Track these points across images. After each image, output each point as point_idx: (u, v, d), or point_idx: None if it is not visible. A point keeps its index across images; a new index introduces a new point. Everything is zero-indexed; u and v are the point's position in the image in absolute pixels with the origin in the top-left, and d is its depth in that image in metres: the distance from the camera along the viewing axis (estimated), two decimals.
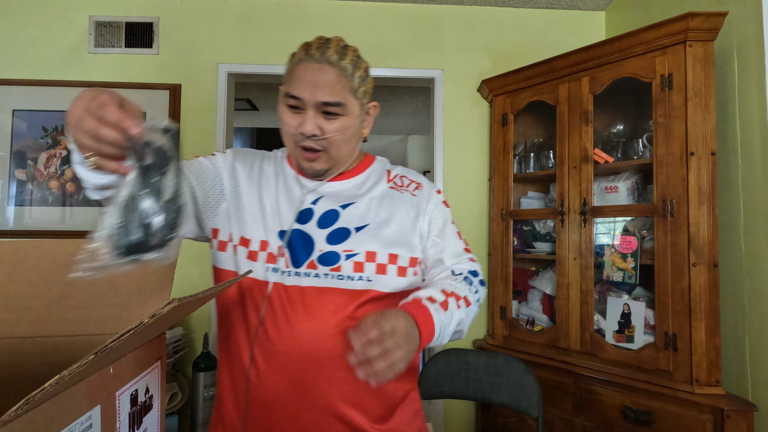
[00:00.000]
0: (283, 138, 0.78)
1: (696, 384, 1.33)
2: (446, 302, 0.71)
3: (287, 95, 0.73)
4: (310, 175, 0.79)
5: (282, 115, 0.75)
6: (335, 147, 0.75)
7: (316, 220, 0.76)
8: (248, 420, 0.72)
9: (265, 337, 0.71)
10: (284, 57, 2.22)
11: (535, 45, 2.20)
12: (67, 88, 2.06)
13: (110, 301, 0.60)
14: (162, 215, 0.49)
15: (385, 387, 0.74)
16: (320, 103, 0.71)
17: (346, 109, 0.73)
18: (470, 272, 0.81)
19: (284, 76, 0.77)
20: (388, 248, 0.75)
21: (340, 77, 0.72)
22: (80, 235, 2.01)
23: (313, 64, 0.72)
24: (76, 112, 0.48)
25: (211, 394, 1.93)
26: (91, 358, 0.32)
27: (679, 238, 1.40)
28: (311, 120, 0.72)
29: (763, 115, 1.35)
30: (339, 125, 0.73)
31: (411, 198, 0.82)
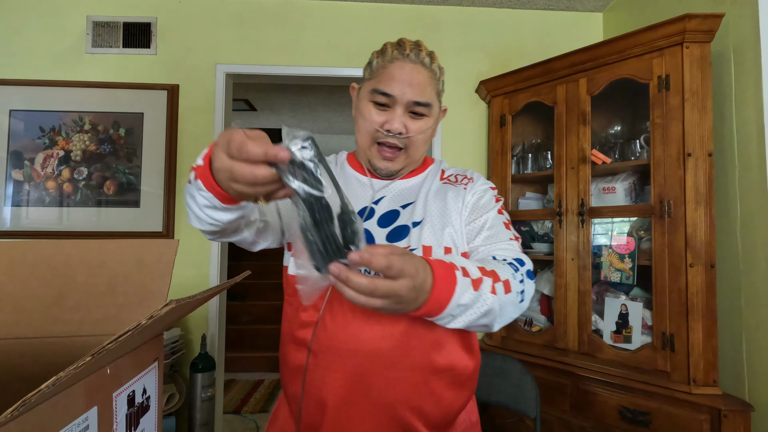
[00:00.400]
0: (359, 132, 0.79)
1: (693, 384, 1.33)
2: (480, 281, 0.59)
3: (377, 92, 0.74)
4: (383, 175, 0.80)
5: (365, 111, 0.76)
6: (415, 147, 0.77)
7: (377, 219, 0.77)
8: (302, 418, 0.73)
9: (324, 336, 0.70)
10: (282, 58, 2.23)
11: (533, 46, 2.21)
12: (64, 88, 2.05)
13: (107, 302, 0.60)
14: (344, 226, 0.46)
15: (444, 394, 0.72)
16: (411, 102, 0.73)
17: (431, 110, 0.76)
18: (515, 259, 0.69)
19: (369, 72, 0.78)
20: (443, 242, 0.74)
21: (431, 79, 0.76)
22: (78, 235, 2.01)
23: (407, 64, 0.74)
24: (223, 165, 0.47)
25: (209, 395, 1.93)
26: (88, 359, 0.32)
27: (677, 238, 1.40)
28: (399, 118, 0.74)
29: (760, 116, 1.36)
30: (422, 125, 0.76)
31: (462, 191, 0.81)
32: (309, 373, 0.71)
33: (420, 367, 0.69)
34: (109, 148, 2.06)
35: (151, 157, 2.07)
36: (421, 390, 0.69)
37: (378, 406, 0.69)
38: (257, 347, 4.04)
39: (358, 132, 0.80)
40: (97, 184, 2.05)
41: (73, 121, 2.05)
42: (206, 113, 2.12)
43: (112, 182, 2.05)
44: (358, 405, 0.69)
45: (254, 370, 3.86)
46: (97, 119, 2.06)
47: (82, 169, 2.05)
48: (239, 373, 3.79)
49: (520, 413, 1.26)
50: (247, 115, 4.56)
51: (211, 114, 2.12)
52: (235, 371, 3.77)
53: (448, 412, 0.74)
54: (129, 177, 2.06)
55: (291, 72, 2.15)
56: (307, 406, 0.72)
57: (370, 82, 0.77)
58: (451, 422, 0.75)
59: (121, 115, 2.07)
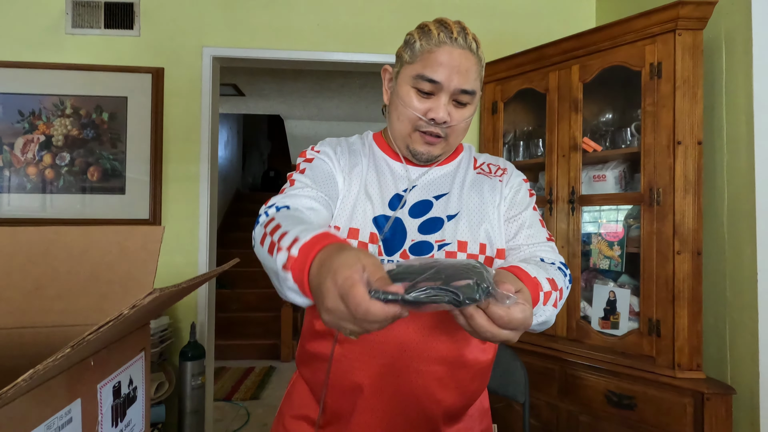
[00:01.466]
0: (396, 119, 0.75)
1: (678, 369, 1.36)
2: (549, 295, 0.61)
3: (422, 78, 0.70)
4: (422, 161, 0.76)
5: (406, 97, 0.72)
6: (455, 135, 0.75)
7: (408, 208, 0.74)
8: (328, 405, 0.72)
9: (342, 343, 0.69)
10: (272, 41, 2.18)
11: (526, 32, 2.19)
12: (43, 70, 1.98)
13: (91, 291, 0.58)
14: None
15: (468, 386, 0.73)
16: (458, 90, 0.70)
17: (474, 98, 0.73)
18: (562, 264, 0.73)
19: (410, 55, 0.72)
20: (478, 238, 0.72)
21: (477, 66, 0.72)
22: (62, 223, 1.96)
23: (456, 50, 0.69)
24: (336, 308, 0.42)
25: (198, 383, 1.92)
26: (68, 351, 0.31)
27: (665, 226, 1.42)
28: (444, 107, 0.70)
29: (749, 105, 1.37)
30: (466, 113, 0.73)
31: (498, 184, 0.79)
32: (336, 363, 0.70)
33: (448, 361, 0.69)
34: (92, 133, 2.00)
35: (136, 142, 2.02)
36: (448, 382, 0.70)
37: (403, 395, 0.69)
38: (247, 335, 4.03)
39: (396, 118, 0.75)
40: (80, 170, 1.99)
41: (54, 105, 1.99)
42: (193, 98, 2.07)
43: (95, 168, 2.00)
44: (383, 394, 0.69)
45: (244, 357, 3.86)
46: (78, 103, 2.00)
47: (64, 154, 1.99)
48: (229, 360, 3.79)
49: (509, 398, 1.28)
50: (235, 100, 4.48)
51: (197, 99, 2.07)
52: (225, 359, 3.77)
53: (469, 402, 0.75)
54: (113, 163, 2.01)
55: (281, 56, 2.10)
56: (333, 393, 0.72)
57: (413, 66, 0.71)
58: (467, 408, 0.76)
59: (104, 99, 2.01)
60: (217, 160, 2.19)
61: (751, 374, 1.34)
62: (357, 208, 0.73)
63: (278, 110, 4.87)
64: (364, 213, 0.72)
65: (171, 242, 2.01)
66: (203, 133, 2.07)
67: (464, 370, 0.71)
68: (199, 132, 2.07)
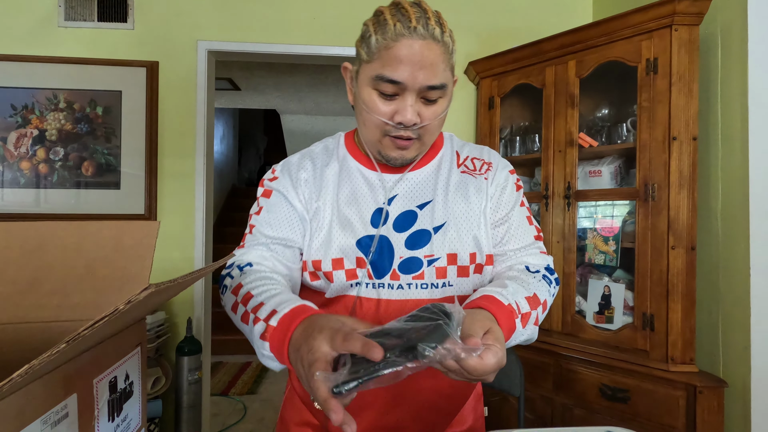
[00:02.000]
0: (362, 124, 0.68)
1: (671, 362, 1.38)
2: (528, 316, 0.62)
3: (381, 79, 0.61)
4: (396, 165, 0.70)
5: (368, 101, 0.64)
6: (429, 133, 0.67)
7: (392, 222, 0.69)
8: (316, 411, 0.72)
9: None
10: (267, 35, 2.16)
11: (523, 26, 2.18)
12: (36, 63, 1.96)
13: (86, 287, 0.58)
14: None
15: (467, 387, 0.74)
16: (425, 87, 0.61)
17: (446, 91, 0.65)
18: (546, 269, 0.72)
19: (367, 52, 0.64)
20: (468, 248, 0.68)
21: (444, 55, 0.62)
22: (57, 217, 1.95)
23: (416, 41, 0.59)
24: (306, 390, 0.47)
25: (195, 378, 1.92)
26: (63, 346, 0.31)
27: (659, 221, 1.43)
28: (411, 107, 0.62)
29: (744, 100, 1.37)
30: (437, 109, 0.65)
31: (483, 183, 0.73)
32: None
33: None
34: (86, 127, 1.99)
35: (130, 137, 2.00)
36: (447, 393, 0.70)
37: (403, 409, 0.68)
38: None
39: (362, 124, 0.68)
40: (74, 165, 1.98)
41: (47, 99, 1.97)
42: (188, 92, 2.06)
43: (90, 163, 1.99)
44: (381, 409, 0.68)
45: (241, 352, 3.87)
46: (72, 97, 1.98)
47: (58, 149, 1.97)
48: (226, 355, 3.80)
49: (504, 392, 1.29)
50: (230, 94, 4.45)
51: (192, 93, 2.06)
52: (222, 354, 3.78)
53: (465, 394, 0.75)
54: (108, 158, 1.99)
55: (276, 50, 2.09)
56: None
57: (371, 66, 0.63)
58: (464, 402, 0.77)
59: (97, 93, 1.99)
60: (212, 155, 2.18)
61: (742, 368, 1.36)
62: (333, 235, 0.68)
63: (274, 105, 4.85)
64: (344, 238, 0.68)
65: (167, 237, 2.00)
66: (198, 127, 2.06)
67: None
68: (195, 126, 2.06)
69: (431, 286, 0.67)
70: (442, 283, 0.67)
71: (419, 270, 0.67)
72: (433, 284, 0.67)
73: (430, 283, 0.67)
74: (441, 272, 0.67)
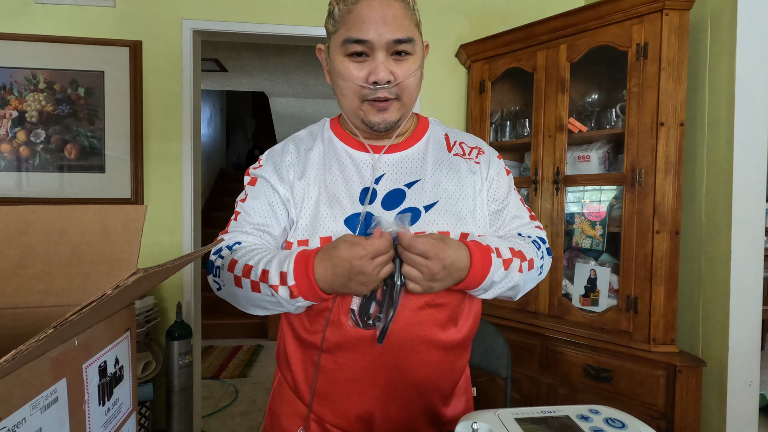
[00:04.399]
0: (341, 96, 0.70)
1: (653, 343, 1.42)
2: (510, 261, 0.67)
3: (349, 41, 0.64)
4: (381, 130, 0.70)
5: (341, 68, 0.66)
6: (407, 92, 0.69)
7: (380, 200, 0.70)
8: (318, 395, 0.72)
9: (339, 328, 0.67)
10: (255, 14, 2.11)
11: (514, 9, 2.16)
12: (12, 41, 1.89)
13: (72, 272, 0.58)
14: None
15: (458, 361, 0.75)
16: (391, 41, 0.64)
17: (415, 46, 0.67)
18: (538, 238, 0.76)
19: (332, 24, 0.67)
20: (460, 226, 0.69)
21: (406, 10, 0.65)
22: (40, 202, 1.91)
23: (375, 1, 0.63)
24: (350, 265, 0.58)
25: (186, 362, 1.93)
26: (50, 332, 0.30)
27: (645, 206, 1.45)
28: (383, 65, 0.64)
29: (731, 86, 1.39)
30: (410, 65, 0.67)
31: (475, 166, 0.75)
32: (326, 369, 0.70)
33: (438, 347, 0.70)
34: (67, 108, 1.93)
35: (114, 119, 1.95)
36: (442, 371, 0.71)
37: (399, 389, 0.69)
38: (235, 314, 4.03)
39: (341, 95, 0.70)
40: (56, 148, 1.93)
41: (26, 79, 1.90)
42: (173, 73, 2.00)
43: (73, 146, 1.94)
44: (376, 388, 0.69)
45: (232, 336, 3.88)
46: (52, 77, 1.92)
47: (39, 131, 1.92)
48: (217, 339, 3.81)
49: (491, 373, 1.32)
50: (217, 76, 4.35)
51: (178, 74, 2.01)
52: (212, 338, 3.79)
53: (458, 376, 0.77)
54: (92, 140, 1.95)
55: (264, 30, 2.04)
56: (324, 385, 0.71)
57: (338, 34, 0.66)
58: (456, 384, 0.78)
59: (79, 73, 1.93)
60: (199, 138, 2.14)
61: (720, 348, 1.41)
62: (320, 215, 0.69)
63: (262, 87, 4.76)
64: (333, 217, 0.68)
65: (154, 222, 1.98)
66: (185, 109, 2.02)
67: (454, 352, 0.73)
68: (181, 109, 2.02)
69: None
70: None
71: None
72: None
73: None
74: None
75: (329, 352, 0.69)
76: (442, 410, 0.74)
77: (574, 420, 0.51)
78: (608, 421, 0.50)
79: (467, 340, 0.75)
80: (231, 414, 2.52)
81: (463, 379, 0.80)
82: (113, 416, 0.52)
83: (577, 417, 0.51)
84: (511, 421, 0.51)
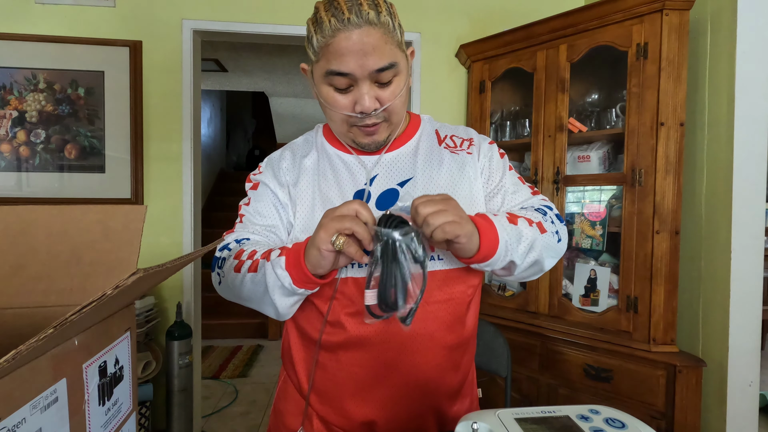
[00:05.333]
0: (331, 120, 0.71)
1: (653, 343, 1.42)
2: (515, 218, 0.66)
3: (331, 73, 0.64)
4: (371, 150, 0.72)
5: (327, 98, 0.67)
6: (395, 113, 0.69)
7: (375, 202, 0.70)
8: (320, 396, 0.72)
9: (341, 328, 0.68)
10: (255, 14, 2.11)
11: (515, 8, 2.16)
12: (11, 41, 1.89)
13: (72, 272, 0.58)
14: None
15: (462, 360, 0.75)
16: (374, 71, 0.63)
17: (398, 67, 0.66)
18: (543, 206, 0.74)
19: (312, 52, 0.67)
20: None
21: (386, 36, 0.63)
22: (40, 202, 1.91)
23: (353, 32, 0.61)
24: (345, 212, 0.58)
25: (186, 362, 1.93)
26: (51, 332, 0.30)
27: (645, 206, 1.45)
28: (367, 95, 0.64)
29: (731, 86, 1.39)
30: (395, 88, 0.67)
31: (467, 157, 0.75)
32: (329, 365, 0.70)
33: (442, 346, 0.70)
34: (67, 108, 1.93)
35: (114, 119, 1.95)
36: (445, 367, 0.71)
37: (401, 387, 0.69)
38: (235, 314, 4.04)
39: (330, 119, 0.71)
40: (57, 148, 1.93)
41: (26, 79, 1.90)
42: (173, 73, 2.01)
43: (73, 146, 1.94)
44: (377, 386, 0.69)
45: (232, 336, 3.88)
46: (52, 77, 1.92)
47: (39, 131, 1.92)
48: (217, 339, 3.81)
49: (492, 373, 1.32)
50: (217, 76, 4.35)
51: (178, 74, 2.01)
52: (212, 338, 3.79)
53: (464, 375, 0.77)
54: (92, 140, 1.95)
55: (265, 30, 2.04)
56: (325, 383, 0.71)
57: (319, 65, 0.66)
58: (463, 384, 0.78)
59: (79, 73, 1.93)
60: (200, 138, 2.14)
61: (720, 348, 1.41)
62: (316, 219, 0.69)
63: (262, 87, 4.76)
64: None
65: (154, 222, 1.98)
66: (185, 110, 2.02)
67: (459, 351, 0.73)
68: (181, 109, 2.02)
69: None
70: (431, 256, 0.69)
71: None
72: None
73: None
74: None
75: (331, 351, 0.69)
76: (448, 409, 0.74)
77: (574, 420, 0.51)
78: (608, 421, 0.50)
79: (471, 338, 0.76)
80: (231, 414, 2.51)
81: (468, 379, 0.80)
82: (113, 416, 0.52)
83: (577, 417, 0.51)
84: (511, 421, 0.51)
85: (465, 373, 0.77)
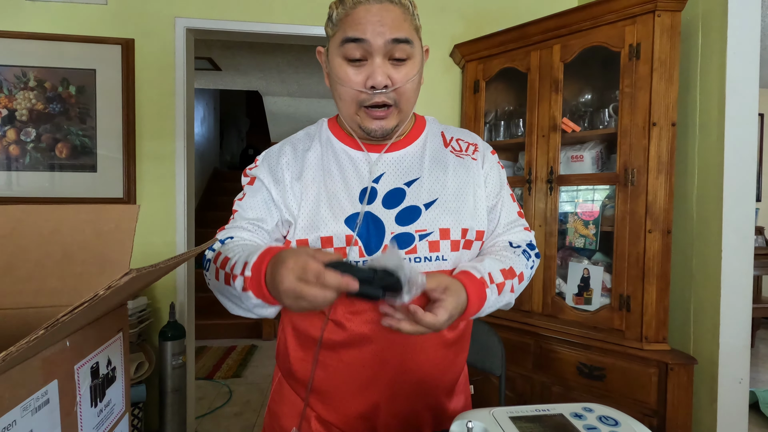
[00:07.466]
0: (339, 100, 0.70)
1: (645, 341, 1.43)
2: (503, 285, 0.68)
3: (347, 40, 0.64)
4: (378, 137, 0.71)
5: (339, 72, 0.67)
6: (405, 99, 0.69)
7: (381, 199, 0.70)
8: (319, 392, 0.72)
9: (339, 324, 0.68)
10: (249, 13, 2.10)
11: (509, 9, 2.17)
12: (1, 39, 1.86)
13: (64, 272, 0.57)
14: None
15: (458, 357, 0.76)
16: (389, 41, 0.63)
17: (414, 50, 0.67)
18: (528, 245, 0.77)
19: (331, 27, 0.68)
20: (460, 223, 0.70)
21: (404, 15, 0.65)
22: (30, 201, 1.89)
23: (373, 5, 0.63)
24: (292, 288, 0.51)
25: (179, 362, 1.91)
26: (41, 333, 0.30)
27: (638, 206, 1.46)
28: (380, 69, 0.64)
29: (722, 87, 1.40)
30: (408, 71, 0.67)
31: (472, 163, 0.76)
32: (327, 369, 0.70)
33: (441, 344, 0.71)
34: (58, 107, 1.91)
35: (106, 118, 1.94)
36: (442, 368, 0.72)
37: (396, 389, 0.69)
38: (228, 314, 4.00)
39: (339, 99, 0.70)
40: (47, 147, 1.91)
41: (16, 77, 1.88)
42: (166, 72, 1.99)
43: (64, 145, 1.92)
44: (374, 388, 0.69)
45: (226, 336, 3.86)
46: (43, 75, 1.89)
47: (29, 130, 1.90)
48: (211, 340, 3.79)
49: (486, 371, 1.32)
50: (210, 74, 4.32)
51: (171, 72, 1.99)
52: (206, 338, 3.76)
53: (458, 373, 0.78)
54: (83, 139, 1.93)
55: (259, 29, 2.03)
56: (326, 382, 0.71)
57: (336, 37, 0.66)
58: (457, 381, 0.79)
59: (70, 71, 1.91)
60: (193, 137, 2.13)
61: (711, 345, 1.43)
62: (321, 214, 0.68)
63: (256, 86, 4.73)
64: (333, 217, 0.68)
65: (147, 222, 1.96)
66: (178, 108, 2.00)
67: (454, 348, 0.74)
68: (174, 107, 2.00)
69: (425, 260, 0.68)
70: (435, 256, 0.69)
71: (411, 245, 0.68)
72: (426, 258, 0.68)
73: (423, 257, 0.68)
74: (434, 246, 0.69)
75: (332, 350, 0.69)
76: (446, 405, 0.75)
77: (567, 418, 0.51)
78: (601, 419, 0.51)
79: (466, 336, 0.77)
80: (225, 414, 2.50)
81: (462, 376, 0.81)
82: (106, 417, 0.52)
83: (570, 415, 0.52)
84: (505, 419, 0.51)
85: (460, 370, 0.78)
